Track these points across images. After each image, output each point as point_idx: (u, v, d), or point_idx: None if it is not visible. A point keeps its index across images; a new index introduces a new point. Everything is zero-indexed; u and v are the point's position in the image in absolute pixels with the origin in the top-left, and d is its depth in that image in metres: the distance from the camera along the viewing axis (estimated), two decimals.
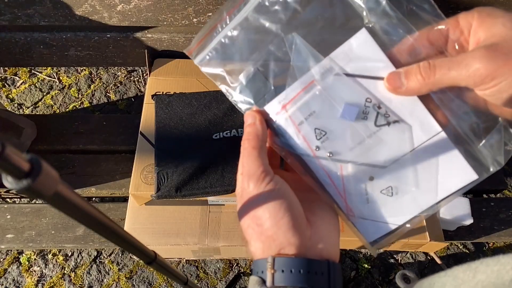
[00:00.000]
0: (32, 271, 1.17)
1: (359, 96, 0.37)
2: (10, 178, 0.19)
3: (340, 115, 0.37)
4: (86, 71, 1.49)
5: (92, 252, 1.19)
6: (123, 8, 0.81)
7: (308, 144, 0.38)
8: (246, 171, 0.35)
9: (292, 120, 0.38)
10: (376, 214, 0.38)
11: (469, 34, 0.34)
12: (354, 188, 0.38)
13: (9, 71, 1.48)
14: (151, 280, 1.15)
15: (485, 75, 0.31)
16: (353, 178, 0.37)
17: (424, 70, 0.34)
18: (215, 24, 0.40)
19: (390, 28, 0.37)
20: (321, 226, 0.36)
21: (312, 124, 0.38)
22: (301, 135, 0.38)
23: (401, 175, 0.37)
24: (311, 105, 0.38)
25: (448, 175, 0.37)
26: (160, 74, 0.93)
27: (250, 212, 0.35)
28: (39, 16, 0.83)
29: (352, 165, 0.37)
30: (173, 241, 0.78)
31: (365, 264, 1.17)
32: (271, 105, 0.38)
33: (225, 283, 1.14)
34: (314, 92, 0.38)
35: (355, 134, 0.37)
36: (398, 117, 0.37)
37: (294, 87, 0.38)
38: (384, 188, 0.37)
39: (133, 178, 0.77)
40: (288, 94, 0.38)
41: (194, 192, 0.74)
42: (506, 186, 0.96)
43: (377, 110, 0.37)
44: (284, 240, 0.33)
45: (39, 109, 1.42)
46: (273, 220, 0.33)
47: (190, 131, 0.80)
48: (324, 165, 0.38)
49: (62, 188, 0.23)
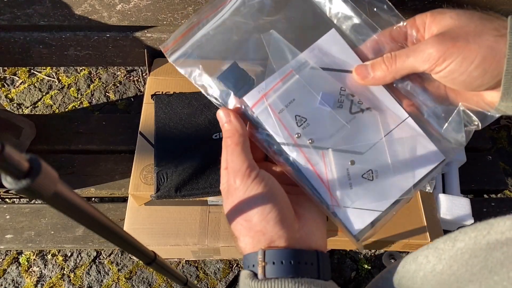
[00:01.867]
0: (32, 271, 1.16)
1: (334, 86, 0.39)
2: (9, 178, 0.19)
3: (319, 103, 0.39)
4: (85, 70, 1.49)
5: (92, 253, 1.19)
6: (122, 8, 0.81)
7: (289, 131, 0.38)
8: (231, 167, 0.36)
9: (272, 108, 0.39)
10: (360, 201, 0.38)
11: (424, 30, 0.38)
12: (337, 174, 0.38)
13: (8, 71, 1.48)
14: (151, 281, 1.15)
15: (437, 57, 0.35)
16: (335, 164, 0.38)
17: (387, 60, 0.37)
18: (192, 25, 0.41)
19: (356, 28, 0.41)
20: (308, 218, 0.37)
21: (292, 111, 0.39)
22: (282, 123, 0.38)
23: (379, 160, 0.39)
24: (290, 93, 0.39)
25: (419, 158, 0.39)
26: (160, 73, 0.93)
27: (238, 208, 0.35)
28: (39, 16, 0.83)
29: (333, 151, 0.38)
30: (173, 241, 0.77)
31: (365, 264, 1.17)
32: (251, 95, 0.39)
33: (225, 283, 1.14)
34: (293, 81, 0.39)
35: (334, 121, 0.39)
36: (371, 104, 0.39)
37: (273, 77, 0.39)
38: (365, 172, 0.39)
39: (132, 178, 0.77)
40: (268, 84, 0.39)
41: (194, 192, 0.74)
42: (506, 187, 0.96)
43: (351, 98, 0.39)
44: (273, 233, 0.34)
45: (38, 109, 1.42)
46: (261, 215, 0.34)
47: (189, 131, 0.80)
48: (306, 152, 0.38)
49: (62, 188, 0.23)
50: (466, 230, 0.31)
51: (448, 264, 0.31)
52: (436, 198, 0.82)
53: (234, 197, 0.35)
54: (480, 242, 0.30)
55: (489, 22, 0.35)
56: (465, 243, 0.31)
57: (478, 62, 0.34)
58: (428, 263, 0.33)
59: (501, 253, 0.27)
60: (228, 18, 0.41)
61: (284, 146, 0.38)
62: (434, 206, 0.81)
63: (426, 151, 0.39)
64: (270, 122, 0.39)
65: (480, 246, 0.29)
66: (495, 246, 0.28)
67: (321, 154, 0.38)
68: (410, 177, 0.38)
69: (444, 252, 0.32)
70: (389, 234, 0.78)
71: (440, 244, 0.33)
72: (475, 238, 0.30)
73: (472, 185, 0.94)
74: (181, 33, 0.41)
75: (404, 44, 0.39)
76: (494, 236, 0.29)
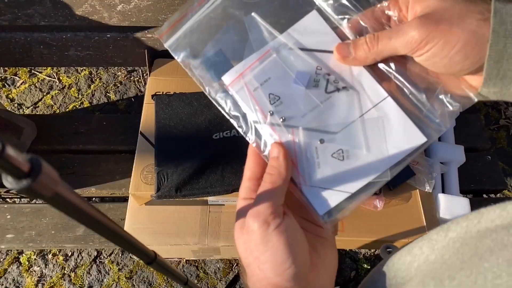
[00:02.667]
0: (32, 271, 1.17)
1: (311, 66, 0.39)
2: (10, 178, 0.19)
3: (293, 81, 0.39)
4: (86, 71, 1.49)
5: (92, 252, 1.19)
6: (123, 8, 0.81)
7: (262, 109, 0.39)
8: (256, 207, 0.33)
9: (247, 86, 0.39)
10: (328, 180, 0.37)
11: (407, 10, 0.37)
12: (305, 152, 0.38)
13: (9, 71, 1.49)
14: (151, 280, 1.15)
15: (419, 40, 0.34)
16: (305, 143, 0.38)
17: (370, 40, 0.37)
18: (186, 12, 0.42)
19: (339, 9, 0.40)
20: (322, 269, 0.36)
21: (267, 89, 0.39)
22: (255, 101, 0.39)
23: (352, 140, 0.38)
24: (266, 72, 0.39)
25: (398, 140, 0.37)
26: (160, 74, 0.93)
27: (253, 253, 0.33)
28: (39, 16, 0.83)
29: (304, 130, 0.38)
30: (173, 241, 0.78)
31: (364, 264, 1.17)
32: (228, 74, 0.40)
33: (225, 283, 1.14)
34: (269, 60, 0.39)
35: (308, 100, 0.39)
36: (347, 83, 0.39)
37: (251, 57, 0.40)
38: (335, 151, 0.38)
39: (133, 178, 0.77)
40: (245, 63, 0.40)
41: (194, 192, 0.74)
42: (506, 186, 0.96)
43: (327, 77, 0.39)
44: (285, 285, 0.33)
45: (39, 109, 1.42)
46: (278, 269, 0.32)
47: (190, 131, 0.80)
48: (277, 130, 0.38)
49: (62, 188, 0.23)
50: (458, 220, 0.31)
51: (440, 254, 0.31)
52: (436, 198, 0.82)
53: (250, 238, 0.33)
54: (471, 230, 0.30)
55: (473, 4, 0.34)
56: (456, 233, 0.31)
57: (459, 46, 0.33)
58: (422, 254, 0.33)
59: (490, 240, 0.27)
60: (218, 4, 0.42)
61: (256, 124, 0.39)
62: (434, 206, 0.81)
63: (406, 131, 0.37)
64: (245, 100, 0.39)
65: (471, 235, 0.30)
66: (485, 234, 0.28)
67: (291, 132, 0.38)
68: (386, 158, 0.37)
69: (437, 243, 0.32)
70: (388, 234, 0.78)
71: (433, 235, 0.33)
72: (466, 227, 0.30)
73: (471, 185, 0.94)
74: (176, 20, 0.42)
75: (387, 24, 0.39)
76: (485, 224, 0.29)
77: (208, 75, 0.41)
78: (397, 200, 0.81)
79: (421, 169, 0.82)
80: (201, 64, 0.41)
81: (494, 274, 0.24)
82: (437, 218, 0.81)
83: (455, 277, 0.27)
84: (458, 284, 0.26)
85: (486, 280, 0.25)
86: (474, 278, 0.25)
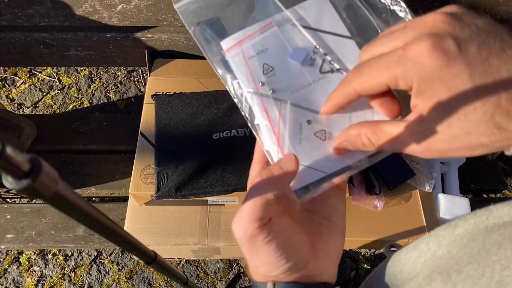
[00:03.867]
0: (32, 271, 1.17)
1: (310, 44, 0.40)
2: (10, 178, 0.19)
3: (290, 56, 0.39)
4: (86, 71, 1.49)
5: (92, 252, 1.19)
6: (123, 8, 0.81)
7: (254, 78, 0.39)
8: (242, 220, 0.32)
9: (243, 54, 0.39)
10: (307, 157, 0.37)
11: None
12: (289, 127, 0.38)
13: (9, 71, 1.49)
14: (151, 280, 1.15)
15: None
16: (290, 118, 0.38)
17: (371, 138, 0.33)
18: None
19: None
20: (323, 255, 0.36)
21: (262, 59, 0.39)
22: (249, 69, 0.39)
23: (336, 122, 0.38)
24: (265, 42, 0.40)
25: None
26: (160, 74, 0.93)
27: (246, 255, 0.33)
28: (39, 16, 0.83)
29: (291, 105, 0.38)
30: (173, 241, 0.78)
31: (364, 264, 1.17)
32: (227, 40, 0.40)
33: (225, 283, 1.14)
34: (270, 31, 0.40)
35: (301, 77, 0.39)
36: (343, 66, 0.39)
37: (252, 27, 0.40)
38: (318, 131, 0.38)
39: (133, 178, 0.77)
40: (246, 32, 0.40)
41: (194, 192, 0.74)
42: (506, 186, 0.96)
43: (323, 57, 0.39)
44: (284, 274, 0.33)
45: (39, 109, 1.42)
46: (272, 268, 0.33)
47: (190, 131, 0.80)
48: (265, 101, 0.39)
49: (62, 188, 0.23)
50: (466, 217, 0.31)
51: (447, 249, 0.31)
52: (436, 198, 0.82)
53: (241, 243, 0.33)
54: (479, 227, 0.29)
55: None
56: (464, 229, 0.31)
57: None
58: (429, 250, 0.33)
59: (498, 234, 0.27)
60: None
61: (247, 93, 0.39)
62: (434, 206, 0.82)
63: None
64: (239, 66, 0.39)
65: (478, 231, 0.29)
66: (493, 229, 0.28)
67: (279, 105, 0.38)
68: None
69: (444, 239, 0.32)
70: (388, 234, 0.78)
71: (440, 231, 0.33)
72: (474, 223, 0.30)
73: (471, 185, 0.94)
74: None
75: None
76: (493, 220, 0.29)
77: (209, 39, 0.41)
78: (397, 200, 0.81)
79: (421, 169, 0.82)
80: (205, 29, 0.41)
81: (502, 266, 0.24)
82: (437, 218, 0.81)
83: (462, 271, 0.27)
84: (466, 277, 0.26)
85: (494, 272, 0.25)
86: (481, 271, 0.25)
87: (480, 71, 0.26)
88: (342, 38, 0.40)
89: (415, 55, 0.28)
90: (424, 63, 0.27)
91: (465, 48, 0.27)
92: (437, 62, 0.27)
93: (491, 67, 0.26)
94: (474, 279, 0.26)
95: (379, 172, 0.81)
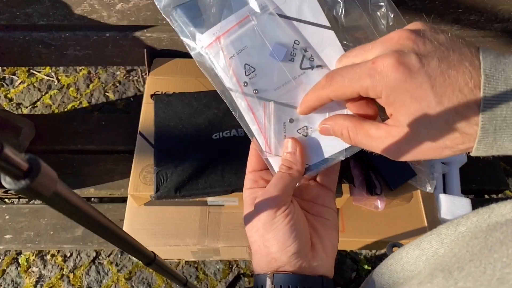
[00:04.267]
0: (31, 272, 1.16)
1: (289, 38, 0.39)
2: (8, 178, 0.19)
3: (269, 54, 0.39)
4: (84, 70, 1.49)
5: (91, 253, 1.19)
6: (122, 7, 0.81)
7: (237, 79, 0.39)
8: (268, 192, 0.38)
9: (224, 53, 0.39)
10: None
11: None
12: (274, 125, 0.40)
13: (7, 70, 1.48)
14: (150, 281, 1.15)
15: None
16: (274, 116, 0.40)
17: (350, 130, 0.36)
18: None
19: None
20: (320, 249, 0.40)
21: (243, 59, 0.39)
22: (231, 69, 0.39)
23: (317, 118, 0.40)
24: (243, 40, 0.39)
25: None
26: (160, 73, 0.93)
27: (259, 231, 0.37)
28: (38, 15, 0.82)
29: (275, 103, 0.40)
30: (173, 242, 0.77)
31: (365, 265, 1.17)
32: (205, 36, 0.40)
33: (225, 284, 1.14)
34: (248, 27, 0.39)
35: (281, 74, 0.39)
36: (322, 62, 0.39)
37: (229, 19, 0.39)
38: (300, 128, 0.40)
39: (132, 179, 0.77)
40: (223, 26, 0.39)
41: (194, 192, 0.74)
42: (507, 187, 0.96)
43: (303, 53, 0.39)
44: (286, 262, 0.37)
45: (37, 109, 1.41)
46: (281, 246, 0.37)
47: (189, 131, 0.80)
48: (250, 101, 0.40)
49: (61, 188, 0.23)
50: (468, 215, 0.32)
51: (449, 247, 0.32)
52: (437, 198, 0.82)
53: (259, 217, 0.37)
54: (481, 225, 0.30)
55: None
56: (466, 227, 0.31)
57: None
58: (431, 248, 0.34)
59: (500, 232, 0.28)
60: None
61: (231, 91, 0.40)
62: (435, 206, 0.81)
63: None
64: (222, 65, 0.40)
65: (480, 229, 0.30)
66: (495, 227, 0.29)
67: (263, 104, 0.40)
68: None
69: (447, 237, 0.33)
70: (389, 235, 0.78)
71: (443, 229, 0.34)
72: (476, 222, 0.31)
73: (472, 185, 0.94)
74: None
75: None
76: (495, 218, 0.29)
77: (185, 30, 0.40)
78: (398, 201, 0.80)
79: (423, 169, 0.82)
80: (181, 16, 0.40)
81: (504, 264, 0.25)
82: (438, 218, 0.80)
83: (464, 268, 0.27)
84: (467, 274, 0.27)
85: (495, 270, 0.25)
86: (483, 268, 0.26)
87: (440, 82, 0.30)
88: (322, 29, 0.39)
89: (382, 69, 0.31)
90: (390, 76, 0.30)
91: (427, 62, 0.30)
92: (401, 76, 0.30)
93: (450, 78, 0.29)
94: (475, 276, 0.26)
95: (380, 172, 0.81)
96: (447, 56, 0.30)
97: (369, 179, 0.81)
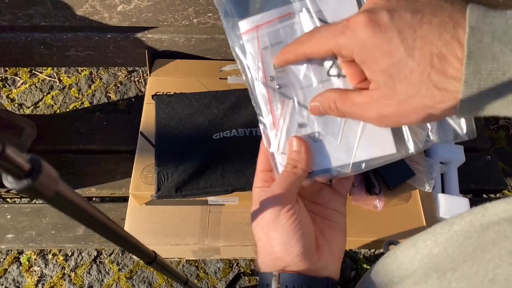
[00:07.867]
0: (32, 271, 1.17)
1: None
2: (10, 178, 0.19)
3: None
4: (86, 71, 1.49)
5: (92, 252, 1.19)
6: (123, 9, 0.81)
7: (265, 70, 0.39)
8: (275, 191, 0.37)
9: (259, 41, 0.39)
10: None
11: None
12: (288, 124, 0.40)
13: (9, 71, 1.49)
14: (151, 280, 1.15)
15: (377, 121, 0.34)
16: (290, 115, 0.40)
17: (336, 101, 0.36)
18: None
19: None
20: (326, 251, 0.39)
21: (275, 53, 0.39)
22: (261, 60, 0.39)
23: (331, 127, 0.39)
24: (281, 34, 0.39)
25: (370, 141, 0.39)
26: (161, 74, 0.93)
27: (264, 229, 0.37)
28: (40, 17, 0.83)
29: (294, 103, 0.40)
30: (173, 241, 0.78)
31: (364, 264, 1.17)
32: (245, 22, 0.40)
33: (225, 283, 1.14)
34: (288, 23, 0.39)
35: (308, 76, 0.39)
36: None
37: (272, 12, 0.39)
38: (312, 132, 0.40)
39: (133, 178, 0.77)
40: (264, 17, 0.39)
41: (194, 192, 0.74)
42: (505, 186, 0.96)
43: (334, 59, 0.38)
44: (291, 263, 0.36)
45: (39, 109, 1.42)
46: (285, 246, 0.36)
47: (190, 131, 0.80)
48: (271, 95, 0.40)
49: (62, 188, 0.23)
50: (462, 214, 0.32)
51: (443, 247, 0.32)
52: (435, 198, 0.82)
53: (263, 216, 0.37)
54: (475, 224, 0.30)
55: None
56: (460, 227, 0.31)
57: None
58: (425, 247, 0.34)
59: (493, 232, 0.28)
60: None
61: (256, 81, 0.40)
62: (433, 206, 0.82)
63: (381, 137, 0.38)
64: (253, 54, 0.40)
65: (474, 228, 0.30)
66: (488, 227, 0.29)
67: (283, 100, 0.40)
68: (351, 153, 0.39)
69: (441, 236, 0.33)
70: (388, 234, 0.78)
71: (437, 228, 0.34)
72: (470, 221, 0.31)
73: (471, 185, 0.94)
74: None
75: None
76: (488, 218, 0.29)
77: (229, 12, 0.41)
78: (397, 200, 0.81)
79: (421, 169, 0.83)
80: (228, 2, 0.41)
81: (496, 264, 0.25)
82: (437, 218, 0.81)
83: (457, 269, 0.27)
84: (461, 275, 0.27)
85: (487, 270, 0.25)
86: (476, 269, 0.26)
87: (411, 35, 0.29)
88: None
89: (354, 27, 0.31)
90: (360, 33, 0.30)
91: (398, 16, 0.29)
92: (371, 32, 0.30)
93: (422, 31, 0.28)
94: (468, 277, 0.26)
95: (379, 172, 0.81)
96: (421, 10, 0.29)
97: (368, 178, 0.81)
